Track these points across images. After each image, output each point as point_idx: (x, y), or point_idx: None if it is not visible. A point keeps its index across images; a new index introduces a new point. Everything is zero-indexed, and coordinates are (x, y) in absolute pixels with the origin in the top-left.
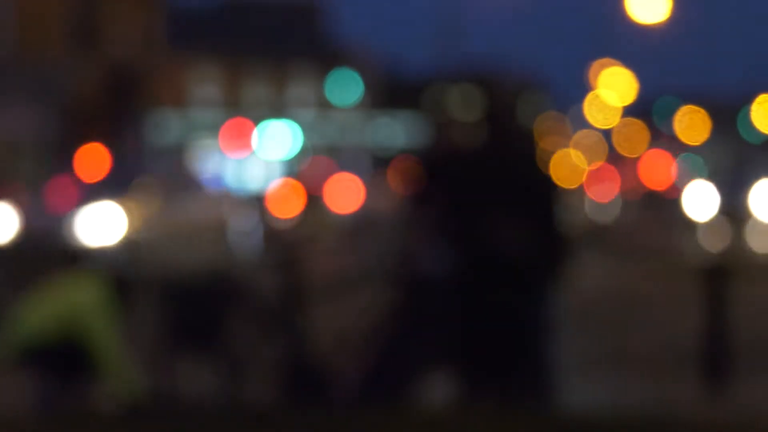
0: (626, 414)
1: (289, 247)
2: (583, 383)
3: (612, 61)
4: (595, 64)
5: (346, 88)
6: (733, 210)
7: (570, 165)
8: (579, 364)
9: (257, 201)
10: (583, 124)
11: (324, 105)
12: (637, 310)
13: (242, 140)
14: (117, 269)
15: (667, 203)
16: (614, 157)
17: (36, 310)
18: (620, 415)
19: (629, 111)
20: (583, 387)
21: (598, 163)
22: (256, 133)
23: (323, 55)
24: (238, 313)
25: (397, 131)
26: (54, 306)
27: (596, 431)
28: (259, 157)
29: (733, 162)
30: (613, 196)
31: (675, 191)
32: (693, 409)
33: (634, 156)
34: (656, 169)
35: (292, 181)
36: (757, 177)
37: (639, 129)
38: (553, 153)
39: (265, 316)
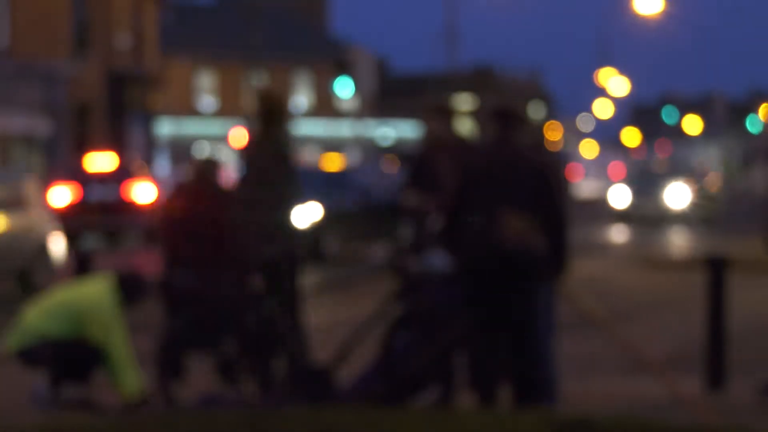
0: (626, 414)
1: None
2: (584, 382)
3: (616, 69)
4: (602, 71)
5: (346, 89)
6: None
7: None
8: (580, 364)
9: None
10: (585, 129)
11: (324, 105)
12: (637, 304)
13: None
14: (125, 271)
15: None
16: (618, 155)
17: (45, 307)
18: (620, 416)
19: (634, 113)
20: (583, 386)
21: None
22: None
23: (323, 55)
24: (238, 313)
25: (398, 131)
26: (65, 305)
27: (596, 431)
28: None
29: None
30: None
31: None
32: (693, 408)
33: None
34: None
35: None
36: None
37: (643, 130)
38: (557, 151)
39: (265, 315)
